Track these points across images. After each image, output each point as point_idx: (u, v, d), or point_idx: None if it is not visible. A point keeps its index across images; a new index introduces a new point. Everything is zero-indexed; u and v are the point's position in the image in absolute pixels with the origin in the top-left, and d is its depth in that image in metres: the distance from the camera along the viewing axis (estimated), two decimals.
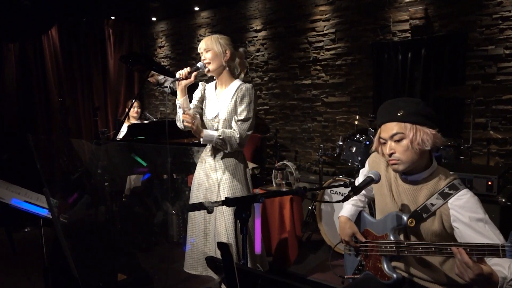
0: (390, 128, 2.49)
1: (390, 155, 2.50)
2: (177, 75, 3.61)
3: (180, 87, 3.66)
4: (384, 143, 2.56)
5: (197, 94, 3.93)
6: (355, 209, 3.01)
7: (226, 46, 3.64)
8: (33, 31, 9.45)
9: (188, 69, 3.62)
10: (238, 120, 3.55)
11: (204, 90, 3.93)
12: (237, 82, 3.69)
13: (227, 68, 3.70)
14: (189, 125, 3.49)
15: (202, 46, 3.66)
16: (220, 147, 3.61)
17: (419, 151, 2.45)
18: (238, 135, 3.51)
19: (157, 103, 11.56)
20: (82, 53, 10.88)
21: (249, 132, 3.58)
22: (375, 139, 2.66)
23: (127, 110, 7.05)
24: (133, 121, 7.37)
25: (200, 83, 3.97)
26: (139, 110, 7.47)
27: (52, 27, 10.10)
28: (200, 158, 3.91)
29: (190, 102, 3.91)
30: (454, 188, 2.43)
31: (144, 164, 6.24)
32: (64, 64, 10.43)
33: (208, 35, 3.75)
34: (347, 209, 3.03)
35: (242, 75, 3.83)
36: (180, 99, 3.70)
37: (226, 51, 3.63)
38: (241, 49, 3.84)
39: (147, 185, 6.61)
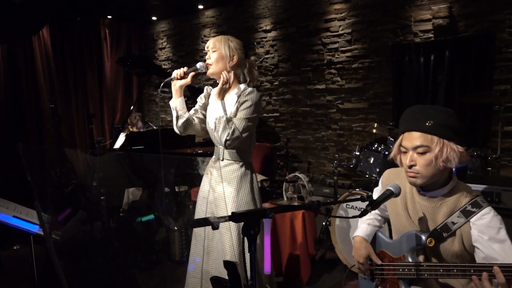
0: (414, 138, 2.43)
1: (410, 167, 2.46)
2: (173, 74, 3.65)
3: (174, 87, 3.71)
4: (405, 152, 2.52)
5: (200, 99, 3.96)
6: (371, 229, 3.01)
7: (235, 51, 3.65)
8: (23, 31, 9.51)
9: (185, 68, 3.66)
10: (237, 119, 3.55)
11: (209, 95, 3.95)
12: (241, 87, 3.71)
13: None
14: (224, 79, 3.55)
15: (209, 45, 3.68)
16: (214, 126, 3.58)
17: (442, 168, 2.45)
18: (231, 131, 3.48)
19: (159, 107, 11.58)
20: (76, 56, 10.96)
21: (244, 134, 3.55)
22: (395, 146, 2.60)
23: (131, 129, 7.10)
24: None
25: (205, 87, 3.99)
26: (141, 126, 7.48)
27: (43, 27, 10.17)
28: (206, 169, 3.93)
29: (192, 106, 3.96)
30: (477, 205, 2.42)
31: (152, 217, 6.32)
32: (56, 68, 10.50)
33: (213, 36, 3.78)
34: (362, 228, 3.02)
35: (248, 81, 3.84)
36: (174, 100, 3.76)
37: (233, 56, 3.64)
38: (252, 58, 3.84)
39: (147, 199, 6.64)
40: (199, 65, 3.65)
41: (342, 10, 8.03)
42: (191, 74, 3.67)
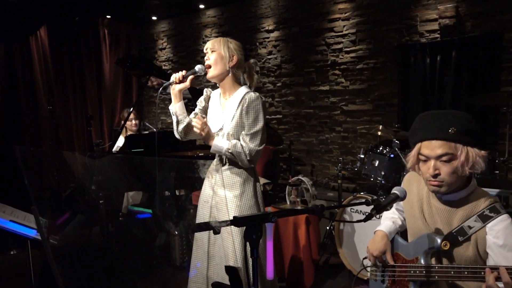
0: (437, 146, 2.42)
1: (435, 176, 2.46)
2: (172, 78, 3.66)
3: (173, 92, 3.71)
4: (425, 161, 2.51)
5: (200, 102, 3.97)
6: (395, 228, 3.02)
7: (234, 51, 3.68)
8: (20, 31, 9.52)
9: (183, 72, 3.67)
10: (246, 135, 3.58)
11: (209, 98, 3.96)
12: (242, 90, 3.71)
13: (230, 74, 3.72)
14: (198, 130, 3.54)
15: (208, 46, 3.70)
16: (231, 159, 3.66)
17: (468, 174, 2.46)
18: (248, 152, 3.54)
19: (158, 111, 11.58)
20: (74, 56, 10.97)
21: (260, 148, 3.60)
22: (412, 155, 2.58)
23: (122, 122, 7.09)
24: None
25: (205, 90, 4.00)
26: (137, 122, 7.45)
27: (41, 27, 10.17)
28: (207, 172, 3.94)
29: (194, 109, 3.97)
30: (495, 211, 2.43)
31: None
32: (54, 69, 10.52)
33: (214, 36, 3.79)
34: (386, 225, 3.03)
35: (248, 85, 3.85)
36: (173, 105, 3.76)
37: (233, 56, 3.66)
38: (251, 61, 3.85)
39: (147, 203, 6.64)
40: (198, 67, 3.66)
41: (346, 9, 8.04)
42: (190, 77, 3.69)
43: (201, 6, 10.22)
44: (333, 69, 8.31)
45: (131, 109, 6.95)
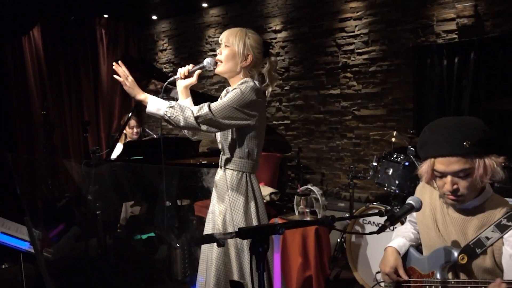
0: (453, 162, 2.39)
1: (454, 191, 2.45)
2: (177, 74, 3.53)
3: (179, 88, 3.61)
4: (441, 177, 2.49)
5: (220, 98, 3.93)
6: (405, 242, 2.99)
7: (251, 49, 3.47)
8: (12, 31, 9.54)
9: (190, 66, 3.54)
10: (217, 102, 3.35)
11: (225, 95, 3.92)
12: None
13: (242, 74, 3.53)
14: (122, 79, 3.35)
15: (223, 38, 3.53)
16: (170, 122, 3.30)
17: (487, 183, 2.47)
18: (197, 110, 3.25)
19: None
20: (70, 58, 10.95)
21: (222, 120, 3.29)
22: (426, 171, 2.55)
23: (125, 130, 7.09)
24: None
25: (225, 89, 3.93)
26: (138, 130, 7.43)
27: (34, 27, 10.19)
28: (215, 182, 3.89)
29: None
30: None
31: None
32: (48, 71, 10.50)
33: (218, 37, 3.68)
34: (396, 240, 3.01)
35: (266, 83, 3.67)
36: (180, 102, 3.58)
37: (247, 56, 3.47)
38: (272, 58, 3.67)
39: (147, 214, 6.64)
40: (206, 61, 3.50)
41: (358, 8, 8.04)
42: (197, 72, 3.54)
43: (204, 5, 10.23)
44: (344, 71, 8.31)
45: (130, 114, 6.96)
